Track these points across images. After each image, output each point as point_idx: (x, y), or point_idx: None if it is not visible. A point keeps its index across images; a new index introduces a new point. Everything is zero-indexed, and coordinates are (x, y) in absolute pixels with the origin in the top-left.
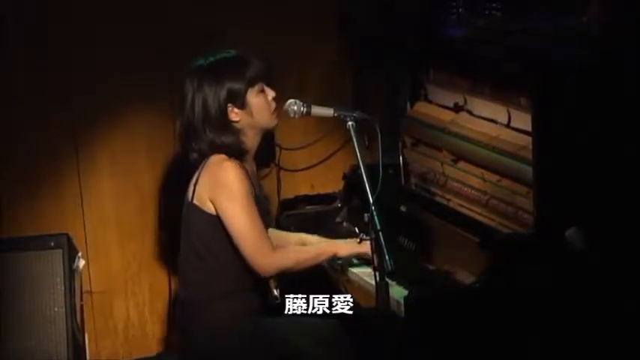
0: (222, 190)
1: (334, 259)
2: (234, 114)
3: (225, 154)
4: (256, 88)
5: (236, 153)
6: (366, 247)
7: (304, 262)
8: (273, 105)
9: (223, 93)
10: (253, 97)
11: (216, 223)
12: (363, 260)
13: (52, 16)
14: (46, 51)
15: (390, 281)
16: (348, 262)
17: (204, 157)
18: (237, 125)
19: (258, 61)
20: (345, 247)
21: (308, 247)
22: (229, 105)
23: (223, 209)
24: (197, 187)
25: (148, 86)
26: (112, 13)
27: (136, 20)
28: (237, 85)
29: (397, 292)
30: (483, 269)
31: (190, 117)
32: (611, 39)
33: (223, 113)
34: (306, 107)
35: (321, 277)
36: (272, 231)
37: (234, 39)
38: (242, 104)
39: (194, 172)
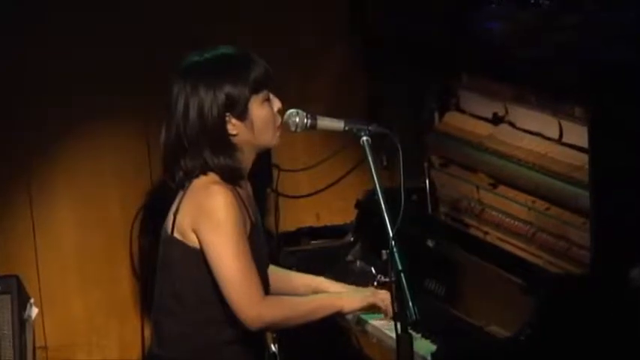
0: (207, 219)
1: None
2: (232, 125)
3: (218, 175)
4: (261, 95)
5: (232, 175)
6: (378, 298)
7: (300, 317)
8: (279, 119)
9: (221, 98)
10: (257, 107)
11: (202, 259)
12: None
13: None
14: None
15: (414, 333)
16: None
17: (190, 177)
18: (233, 139)
19: (263, 62)
20: (352, 300)
21: (306, 299)
22: (227, 114)
23: (207, 243)
24: (178, 216)
25: (117, 98)
26: (78, 21)
27: (106, 19)
28: (238, 90)
29: (423, 346)
30: (528, 318)
31: (182, 127)
32: None
33: (221, 124)
34: (311, 119)
35: (328, 328)
36: (273, 269)
37: (228, 41)
38: (242, 114)
39: (175, 199)
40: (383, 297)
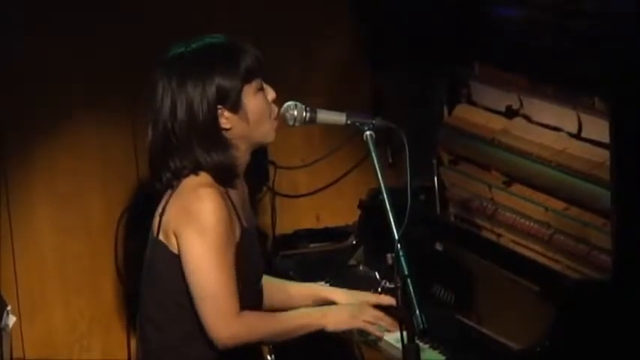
0: (191, 224)
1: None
2: (225, 119)
3: (210, 175)
4: (253, 85)
5: (226, 174)
6: (364, 322)
7: (277, 336)
8: (275, 109)
9: (212, 91)
10: (250, 97)
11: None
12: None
13: None
14: None
15: (421, 344)
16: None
17: (179, 177)
18: (226, 134)
19: (253, 49)
20: (337, 321)
21: (287, 316)
22: (219, 107)
23: (186, 250)
24: (164, 218)
25: (102, 90)
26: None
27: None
28: (229, 81)
29: (431, 357)
30: (545, 328)
31: (171, 126)
32: None
33: (213, 119)
34: (310, 112)
35: (329, 338)
36: (267, 279)
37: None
38: (235, 106)
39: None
40: (372, 317)
